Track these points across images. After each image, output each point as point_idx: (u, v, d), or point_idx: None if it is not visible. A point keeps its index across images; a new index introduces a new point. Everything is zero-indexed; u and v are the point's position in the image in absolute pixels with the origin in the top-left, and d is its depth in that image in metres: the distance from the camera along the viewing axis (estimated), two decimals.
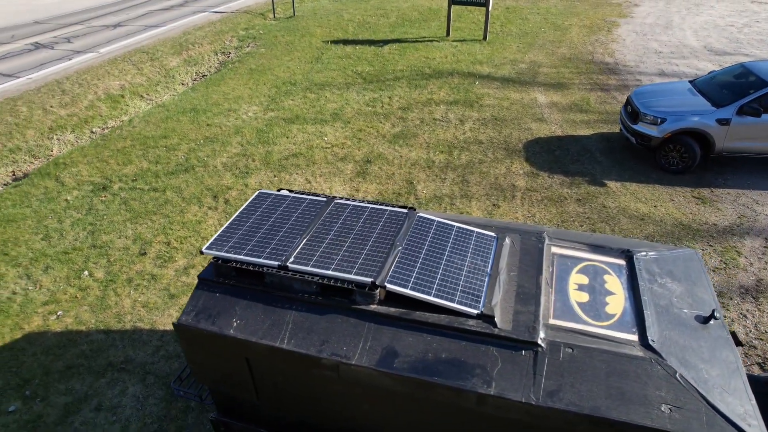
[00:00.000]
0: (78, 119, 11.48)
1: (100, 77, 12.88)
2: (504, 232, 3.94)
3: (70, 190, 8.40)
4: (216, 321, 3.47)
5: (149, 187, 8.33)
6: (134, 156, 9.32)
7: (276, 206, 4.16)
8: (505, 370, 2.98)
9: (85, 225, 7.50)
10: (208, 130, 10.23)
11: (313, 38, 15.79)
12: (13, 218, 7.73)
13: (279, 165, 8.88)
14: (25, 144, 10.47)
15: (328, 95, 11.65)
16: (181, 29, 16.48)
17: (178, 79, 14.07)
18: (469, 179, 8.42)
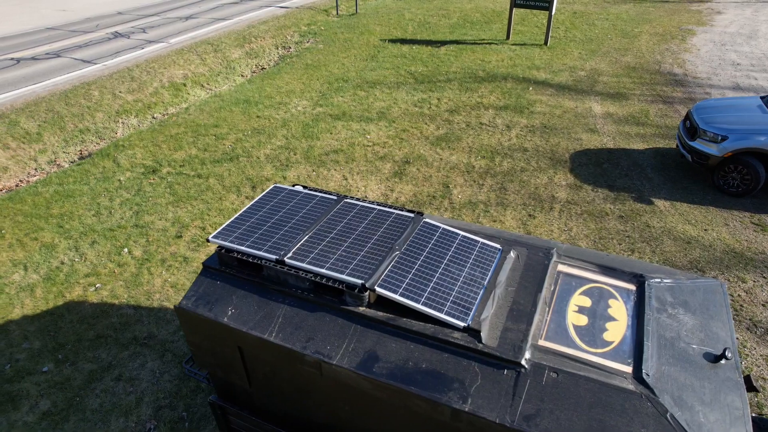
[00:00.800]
0: (142, 105, 12.18)
1: (166, 66, 13.59)
2: (511, 245, 3.81)
3: (124, 171, 8.93)
4: (213, 308, 3.58)
5: (194, 174, 8.71)
6: (185, 142, 9.77)
7: (287, 201, 4.23)
8: (484, 387, 2.89)
9: (131, 205, 7.95)
10: (257, 121, 10.56)
11: (372, 36, 15.90)
12: (71, 194, 8.32)
13: (319, 160, 9.03)
14: (93, 126, 11.23)
15: (378, 93, 11.70)
16: (246, 23, 17.08)
17: (238, 70, 14.60)
18: (508, 187, 8.20)
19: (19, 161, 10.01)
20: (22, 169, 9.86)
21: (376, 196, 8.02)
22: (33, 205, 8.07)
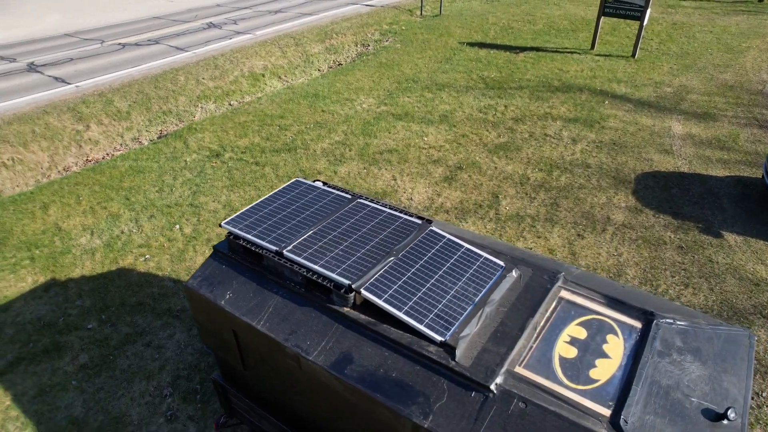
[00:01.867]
0: (221, 92, 12.91)
1: (248, 57, 14.30)
2: (517, 264, 3.64)
3: (191, 153, 9.54)
4: (214, 290, 3.75)
5: (253, 161, 9.12)
6: (250, 130, 10.25)
7: (303, 195, 4.32)
8: (448, 407, 2.79)
9: (191, 185, 8.47)
10: (321, 115, 10.83)
11: (451, 38, 15.75)
12: (142, 170, 9.02)
13: (372, 158, 9.11)
14: (175, 108, 12.07)
15: (444, 96, 11.58)
16: (330, 19, 17.55)
17: (315, 65, 15.05)
18: (561, 203, 7.82)
19: (109, 136, 10.99)
20: (110, 143, 10.82)
21: (421, 200, 7.97)
22: (109, 177, 8.85)
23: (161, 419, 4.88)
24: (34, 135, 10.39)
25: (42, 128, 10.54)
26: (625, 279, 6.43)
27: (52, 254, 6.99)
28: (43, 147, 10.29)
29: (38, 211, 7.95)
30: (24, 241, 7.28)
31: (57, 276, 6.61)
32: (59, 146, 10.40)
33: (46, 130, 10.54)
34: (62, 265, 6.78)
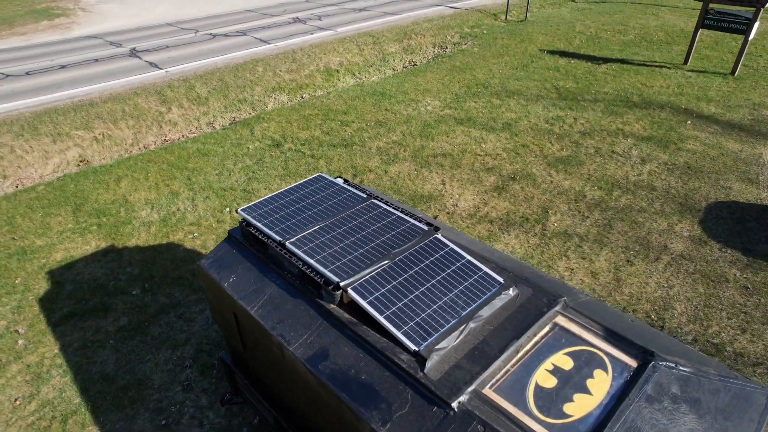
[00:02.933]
0: (296, 85, 13.39)
1: (326, 52, 14.71)
2: (519, 282, 3.48)
3: (255, 141, 9.99)
4: (220, 272, 3.92)
5: (309, 153, 9.38)
6: (313, 124, 10.55)
7: (321, 190, 4.40)
8: (408, 417, 2.74)
9: (248, 172, 8.88)
10: (384, 114, 10.92)
11: (532, 45, 15.26)
12: (207, 153, 9.59)
13: (425, 160, 9.05)
14: (250, 97, 12.69)
15: (512, 104, 11.26)
16: (412, 19, 17.61)
17: (390, 64, 15.18)
18: (615, 225, 7.35)
19: (187, 119, 11.78)
20: (186, 126, 11.59)
21: (466, 207, 7.81)
22: (177, 157, 9.49)
23: (178, 387, 5.18)
24: (123, 114, 11.35)
25: (131, 108, 11.49)
26: (671, 314, 5.93)
27: (115, 223, 7.62)
28: (130, 125, 11.22)
29: (112, 183, 8.70)
30: (96, 208, 8.00)
31: (116, 243, 7.20)
32: (143, 125, 11.29)
33: (134, 110, 11.48)
34: (122, 234, 7.38)
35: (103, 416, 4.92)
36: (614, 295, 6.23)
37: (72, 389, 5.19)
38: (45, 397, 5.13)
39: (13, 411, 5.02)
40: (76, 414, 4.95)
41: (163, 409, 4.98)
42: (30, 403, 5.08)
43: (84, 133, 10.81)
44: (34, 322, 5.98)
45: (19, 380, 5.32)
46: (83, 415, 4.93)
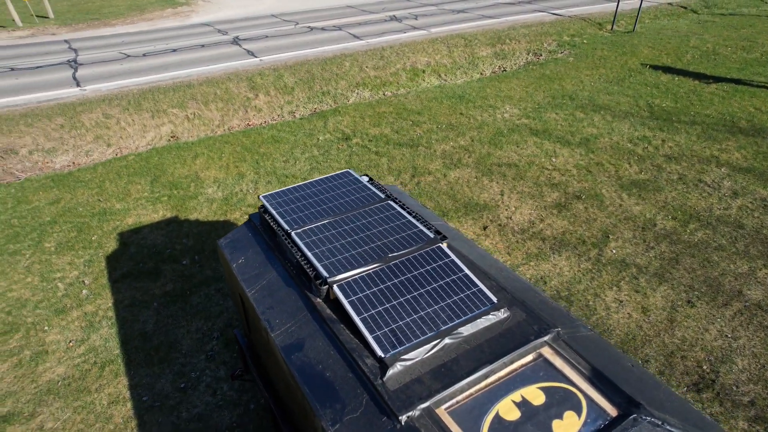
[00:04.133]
0: (380, 81, 13.58)
1: (415, 52, 14.75)
2: (513, 305, 3.29)
3: (326, 133, 10.28)
4: (233, 253, 4.10)
5: (374, 150, 9.49)
6: (385, 121, 10.64)
7: (343, 186, 4.44)
8: (357, 422, 2.70)
9: (313, 162, 9.17)
10: (457, 118, 10.75)
11: (633, 58, 14.22)
12: (280, 140, 10.03)
13: (487, 168, 8.80)
14: (334, 90, 13.07)
15: (596, 119, 10.58)
16: (509, 24, 17.12)
17: (479, 68, 14.89)
18: (682, 261, 6.67)
19: (271, 107, 12.39)
20: (269, 113, 12.21)
21: (520, 221, 7.49)
22: (252, 141, 10.03)
23: (202, 356, 5.51)
24: (215, 96, 12.20)
25: (222, 91, 12.31)
26: (729, 368, 5.29)
27: (184, 196, 8.23)
28: (219, 107, 12.03)
29: (189, 159, 9.40)
30: (170, 181, 8.70)
31: (179, 215, 7.78)
32: (230, 109, 12.05)
33: (225, 94, 12.29)
34: (187, 207, 7.96)
35: (133, 370, 5.36)
36: (663, 335, 5.67)
37: (114, 341, 5.70)
38: (92, 344, 5.69)
39: (65, 351, 5.62)
40: (113, 363, 5.44)
41: (185, 374, 5.32)
42: (80, 346, 5.66)
43: (178, 111, 11.77)
44: (99, 276, 6.64)
45: (77, 325, 5.94)
46: (118, 366, 5.41)
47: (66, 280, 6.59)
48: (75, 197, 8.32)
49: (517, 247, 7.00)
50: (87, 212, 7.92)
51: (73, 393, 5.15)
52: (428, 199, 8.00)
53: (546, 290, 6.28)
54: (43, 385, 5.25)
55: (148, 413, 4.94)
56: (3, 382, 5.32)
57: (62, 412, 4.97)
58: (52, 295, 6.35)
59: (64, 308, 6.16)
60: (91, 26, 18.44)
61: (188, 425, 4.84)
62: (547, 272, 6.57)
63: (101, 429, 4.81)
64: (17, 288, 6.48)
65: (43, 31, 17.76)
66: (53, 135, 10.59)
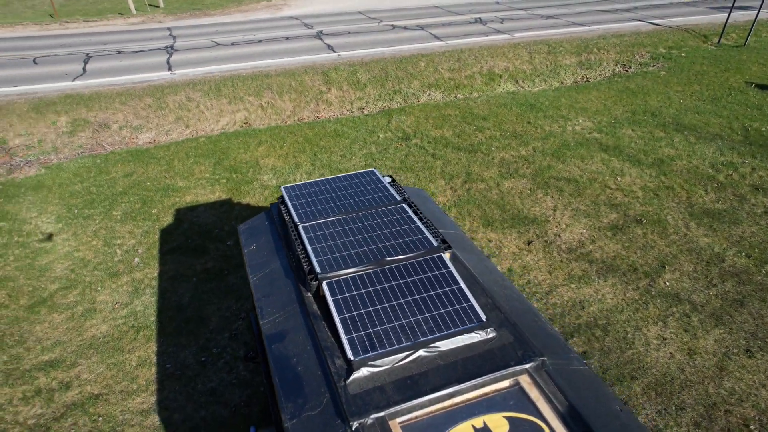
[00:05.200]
0: (453, 84, 13.41)
1: (494, 56, 14.39)
2: (503, 326, 3.12)
3: (387, 131, 10.32)
4: (248, 239, 4.24)
5: (430, 153, 9.39)
6: (448, 124, 10.49)
7: (363, 185, 4.44)
8: (313, 421, 2.70)
9: (368, 159, 9.25)
10: (524, 127, 10.36)
11: (737, 76, 12.94)
12: (341, 135, 10.21)
13: (544, 181, 8.41)
14: (405, 90, 13.09)
15: (677, 140, 9.76)
16: (600, 32, 16.21)
17: (560, 76, 14.26)
18: (748, 304, 6.00)
19: (342, 101, 12.65)
20: (339, 107, 12.46)
21: (569, 239, 7.10)
22: (314, 134, 10.29)
23: (227, 334, 5.76)
24: (289, 87, 12.65)
25: (297, 83, 12.74)
26: None
27: (241, 181, 8.63)
28: (292, 98, 12.46)
29: (252, 146, 9.83)
30: (231, 165, 9.16)
31: (233, 198, 8.17)
32: (303, 101, 12.45)
33: (299, 86, 12.72)
34: (241, 191, 8.34)
35: (163, 338, 5.72)
36: (708, 384, 5.13)
37: (152, 308, 6.11)
38: (134, 308, 6.14)
39: (110, 311, 6.11)
40: (147, 329, 5.83)
41: (208, 348, 5.59)
42: (123, 309, 6.13)
43: (254, 99, 12.33)
44: (151, 247, 7.14)
45: (124, 289, 6.44)
46: (151, 332, 5.79)
47: (124, 247, 7.16)
48: (146, 172, 9.00)
49: (560, 267, 6.63)
50: (153, 187, 8.53)
51: (109, 351, 5.59)
52: (475, 206, 7.79)
53: (581, 316, 5.91)
54: (86, 340, 5.74)
55: (168, 380, 5.25)
56: (56, 331, 5.88)
57: (97, 367, 5.41)
58: (110, 260, 6.92)
59: (117, 272, 6.69)
60: (193, 15, 19.81)
61: (201, 397, 5.08)
62: (588, 297, 6.18)
63: (126, 387, 5.18)
64: (83, 249, 7.13)
65: (151, 18, 19.33)
66: (141, 114, 11.51)
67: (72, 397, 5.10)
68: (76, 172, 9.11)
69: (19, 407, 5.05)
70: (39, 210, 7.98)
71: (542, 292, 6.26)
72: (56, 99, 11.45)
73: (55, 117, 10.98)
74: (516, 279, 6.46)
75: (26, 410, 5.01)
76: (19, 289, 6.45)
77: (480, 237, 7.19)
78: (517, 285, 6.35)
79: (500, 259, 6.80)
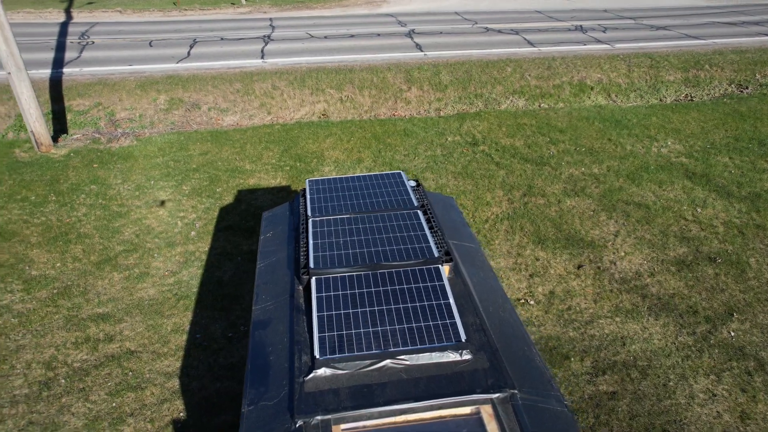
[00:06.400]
0: (539, 92, 12.87)
1: (588, 66, 13.60)
2: (482, 350, 2.96)
3: (457, 134, 10.14)
4: (267, 226, 4.38)
5: (497, 161, 9.09)
6: (521, 134, 10.08)
7: (385, 186, 4.40)
8: (266, 411, 2.74)
9: (430, 161, 9.15)
10: (602, 143, 9.71)
11: None
12: (409, 134, 10.19)
13: (611, 204, 7.82)
14: (487, 94, 12.78)
15: None
16: (716, 47, 14.71)
17: (660, 93, 13.16)
18: None
19: (420, 101, 12.63)
20: (417, 107, 12.45)
21: (625, 268, 6.56)
22: (383, 131, 10.37)
23: None
24: (371, 83, 12.84)
25: (379, 80, 12.90)
26: None
27: (303, 170, 8.92)
28: (372, 94, 12.65)
29: (321, 138, 10.11)
30: (298, 154, 9.49)
31: (292, 185, 8.47)
32: (382, 97, 12.59)
33: (380, 82, 12.87)
34: (301, 180, 8.62)
35: (199, 309, 6.09)
36: None
37: (196, 280, 6.52)
38: (180, 278, 6.59)
39: (160, 278, 6.61)
40: (187, 299, 6.24)
41: (236, 326, 5.86)
42: (171, 277, 6.61)
43: (335, 93, 12.67)
44: (208, 223, 7.61)
45: (176, 259, 6.93)
46: (190, 302, 6.19)
47: (185, 220, 7.69)
48: (220, 152, 9.59)
49: (608, 297, 6.15)
50: (223, 167, 9.07)
51: (151, 313, 6.05)
52: (529, 222, 7.44)
53: (620, 353, 5.45)
54: (135, 300, 6.26)
55: (195, 349, 5.58)
56: (113, 289, 6.48)
57: (138, 326, 5.88)
58: (170, 230, 7.47)
59: (173, 243, 7.21)
60: (295, 8, 20.72)
61: (220, 371, 5.35)
62: (632, 333, 5.68)
63: (158, 349, 5.59)
64: (150, 218, 7.77)
65: (258, 9, 20.50)
66: (230, 97, 12.26)
67: (112, 350, 5.59)
68: (161, 146, 9.92)
69: (70, 350, 5.63)
70: (123, 178, 8.80)
71: (582, 321, 5.85)
72: (159, 79, 12.52)
73: (156, 95, 12.02)
74: (556, 304, 6.08)
75: (74, 354, 5.57)
76: (93, 247, 7.17)
77: (527, 254, 6.86)
78: (556, 310, 5.98)
79: (544, 279, 6.44)
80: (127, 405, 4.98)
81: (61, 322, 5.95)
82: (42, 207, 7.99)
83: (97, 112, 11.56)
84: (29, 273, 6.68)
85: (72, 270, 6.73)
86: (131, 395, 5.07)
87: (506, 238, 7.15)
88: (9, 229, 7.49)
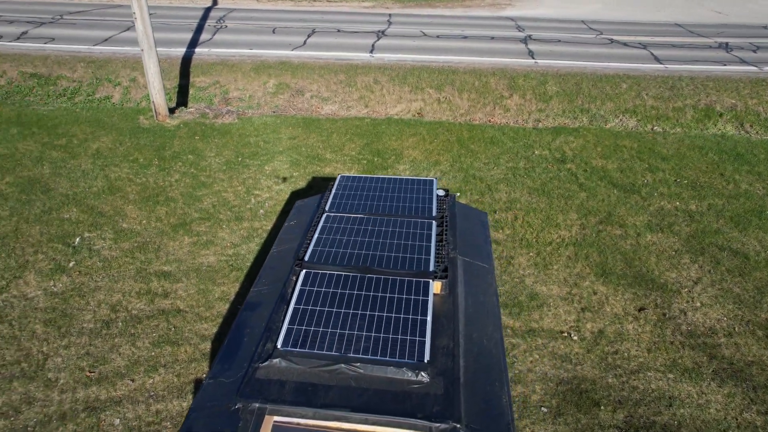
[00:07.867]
0: (655, 114, 11.75)
1: (720, 90, 12.11)
2: (438, 377, 2.82)
3: (546, 149, 9.61)
4: (294, 214, 4.54)
5: (580, 182, 8.47)
6: (616, 156, 9.28)
7: (412, 192, 4.32)
8: (221, 388, 2.86)
9: (508, 173, 8.78)
10: (710, 178, 8.60)
11: None
12: (496, 142, 9.86)
13: (700, 246, 6.92)
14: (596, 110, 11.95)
15: None
16: None
17: None
18: None
19: (520, 110, 12.14)
20: (516, 116, 11.98)
21: (697, 321, 5.79)
22: (469, 136, 10.12)
23: None
24: (471, 87, 12.61)
25: (480, 84, 12.63)
26: None
27: (379, 165, 9.04)
28: (470, 98, 12.41)
29: (405, 137, 10.13)
30: (378, 149, 9.62)
31: None
32: (480, 102, 12.31)
33: (482, 87, 12.59)
34: (374, 174, 8.73)
35: (247, 283, 6.47)
36: None
37: (251, 256, 6.94)
38: (239, 251, 7.06)
39: (222, 248, 7.13)
40: (239, 271, 6.67)
41: None
42: (231, 249, 7.10)
43: (433, 92, 12.63)
44: (277, 203, 8.03)
45: (240, 234, 7.42)
46: (241, 274, 6.61)
47: (258, 198, 8.20)
48: (307, 139, 10.04)
49: (666, 349, 5.49)
50: (305, 152, 9.50)
51: (204, 279, 6.56)
52: (597, 252, 6.85)
53: (662, 414, 4.85)
54: (195, 264, 6.82)
55: (232, 319, 5.96)
56: (181, 251, 7.11)
57: (191, 288, 6.42)
58: (243, 205, 8.01)
59: (242, 218, 7.72)
60: (418, 6, 20.88)
61: None
62: (684, 395, 5.02)
63: (202, 312, 6.06)
64: (229, 191, 8.39)
65: (381, 4, 20.99)
66: (332, 87, 12.76)
67: (165, 305, 6.17)
68: (257, 126, 10.64)
69: (132, 299, 6.30)
70: (217, 152, 9.59)
71: (626, 369, 5.29)
72: (273, 64, 13.39)
73: (267, 78, 12.89)
74: (602, 344, 5.56)
75: (135, 302, 6.23)
76: (174, 210, 7.92)
77: (585, 285, 6.34)
78: (600, 352, 5.47)
79: (596, 316, 5.91)
80: (163, 357, 5.47)
81: (132, 272, 6.67)
82: (146, 169, 8.99)
83: (214, 89, 12.67)
84: (120, 225, 7.56)
85: (153, 228, 7.50)
86: (168, 349, 5.56)
87: (567, 264, 6.66)
88: (116, 185, 8.53)
